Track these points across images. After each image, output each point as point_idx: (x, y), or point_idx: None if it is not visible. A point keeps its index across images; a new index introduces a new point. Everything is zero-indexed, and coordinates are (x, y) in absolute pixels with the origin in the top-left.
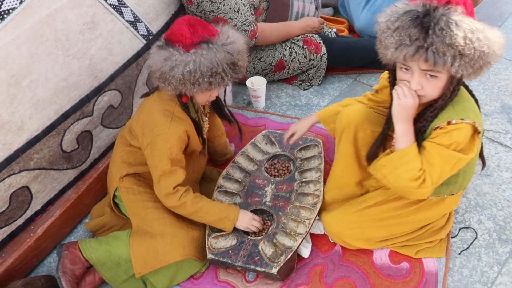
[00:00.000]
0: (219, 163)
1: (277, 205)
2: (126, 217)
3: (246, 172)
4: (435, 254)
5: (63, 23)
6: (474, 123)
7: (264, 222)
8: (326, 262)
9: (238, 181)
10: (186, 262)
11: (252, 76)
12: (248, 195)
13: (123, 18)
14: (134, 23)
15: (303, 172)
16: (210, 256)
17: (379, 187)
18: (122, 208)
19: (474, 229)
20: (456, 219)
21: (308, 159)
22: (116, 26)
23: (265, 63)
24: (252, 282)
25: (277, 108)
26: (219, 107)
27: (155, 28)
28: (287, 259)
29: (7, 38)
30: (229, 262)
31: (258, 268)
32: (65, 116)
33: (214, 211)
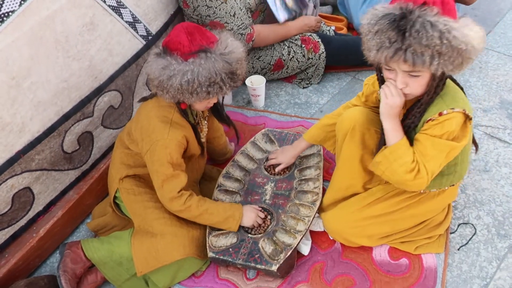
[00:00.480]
0: (219, 163)
1: (276, 203)
2: (127, 217)
3: (246, 171)
4: (434, 249)
5: (63, 24)
6: (464, 110)
7: (264, 219)
8: (326, 259)
9: (238, 179)
10: (187, 261)
11: (251, 75)
12: (248, 193)
13: (122, 19)
14: (133, 23)
15: (302, 170)
16: (210, 254)
17: (381, 183)
18: (123, 208)
19: (473, 224)
20: (455, 215)
21: (307, 157)
22: (115, 27)
23: (264, 62)
24: (252, 280)
25: (276, 107)
26: (217, 110)
27: (154, 29)
28: (287, 256)
29: (7, 40)
30: (229, 260)
31: (258, 266)
32: (65, 117)
33: (218, 212)
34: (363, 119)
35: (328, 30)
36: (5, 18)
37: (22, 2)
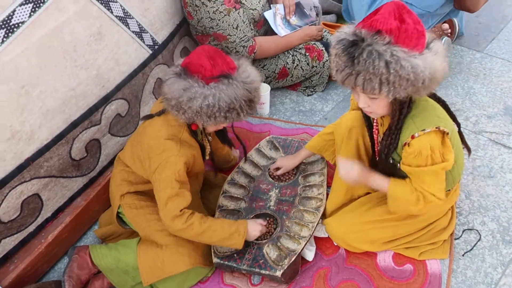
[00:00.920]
0: (224, 170)
1: (281, 209)
2: (131, 229)
3: (251, 177)
4: (438, 255)
5: (71, 35)
6: (437, 128)
7: (269, 226)
8: (330, 265)
9: (242, 186)
10: (193, 269)
11: None
12: (252, 199)
13: (129, 29)
14: (140, 33)
15: (306, 176)
16: (215, 260)
17: None
18: (127, 221)
19: (477, 230)
20: (460, 221)
21: (311, 163)
22: (122, 37)
23: (268, 71)
24: (257, 286)
25: (281, 114)
26: (222, 132)
27: (160, 38)
28: (291, 262)
29: (17, 51)
30: (234, 265)
31: (263, 271)
32: (73, 125)
33: (222, 228)
34: (358, 122)
35: None
36: (15, 29)
37: (32, 14)
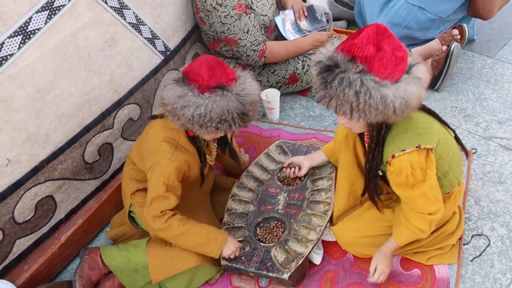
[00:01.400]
0: (234, 174)
1: (289, 212)
2: (143, 229)
3: (260, 181)
4: (446, 260)
5: (85, 41)
6: (418, 147)
7: (276, 229)
8: (338, 269)
9: (251, 189)
10: (201, 268)
11: (266, 89)
12: (261, 203)
13: (142, 35)
14: (152, 40)
15: (315, 180)
16: (223, 262)
17: (384, 192)
18: (138, 221)
19: (487, 236)
20: (469, 226)
21: (320, 167)
22: (135, 43)
23: (278, 76)
24: None
25: (291, 120)
26: (224, 143)
27: (172, 45)
28: (298, 265)
29: (33, 56)
30: (242, 268)
31: (270, 274)
32: (87, 128)
33: (201, 233)
34: None
35: None
36: (31, 35)
37: (48, 20)
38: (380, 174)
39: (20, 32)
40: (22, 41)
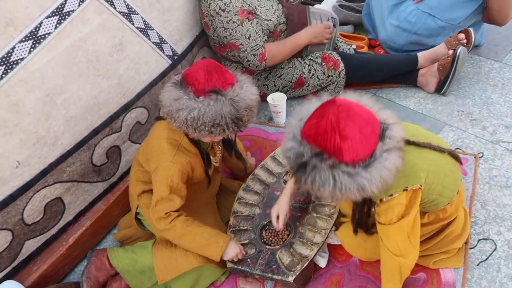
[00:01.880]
0: (240, 177)
1: (294, 215)
2: (150, 231)
3: (266, 184)
4: (452, 264)
5: (94, 45)
6: (405, 189)
7: (282, 232)
8: (343, 272)
9: (257, 192)
10: (206, 270)
11: (273, 93)
12: (267, 206)
13: (149, 40)
14: (160, 44)
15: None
16: (229, 264)
17: None
18: (145, 222)
19: (493, 240)
20: (475, 231)
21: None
22: (143, 48)
23: (285, 80)
24: None
25: None
26: (229, 144)
27: (179, 49)
28: (304, 267)
29: (43, 60)
30: (247, 270)
31: (275, 277)
32: (95, 131)
33: (203, 235)
34: None
35: (349, 49)
36: (41, 40)
37: (58, 25)
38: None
39: (30, 37)
40: (33, 45)
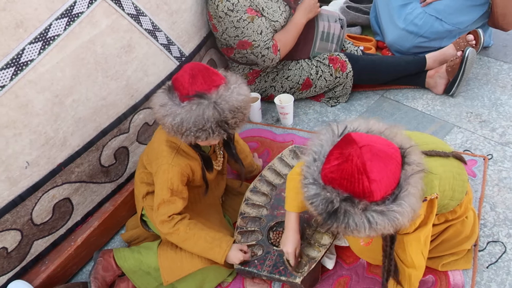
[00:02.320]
0: (247, 179)
1: (302, 217)
2: (155, 233)
3: (273, 186)
4: (461, 266)
5: (103, 47)
6: (424, 200)
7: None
8: (351, 274)
9: (265, 194)
10: (212, 271)
11: (280, 94)
12: (274, 207)
13: (157, 41)
14: (168, 46)
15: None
16: (236, 266)
17: None
18: (150, 224)
19: (503, 243)
20: (484, 233)
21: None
22: (151, 49)
23: (292, 81)
24: None
25: (304, 125)
26: (228, 145)
27: (187, 50)
28: (311, 269)
29: (53, 62)
30: (254, 271)
31: (283, 278)
32: (103, 132)
33: (205, 238)
34: None
35: (356, 50)
36: (51, 41)
37: (67, 27)
38: None
39: (40, 39)
40: (42, 47)
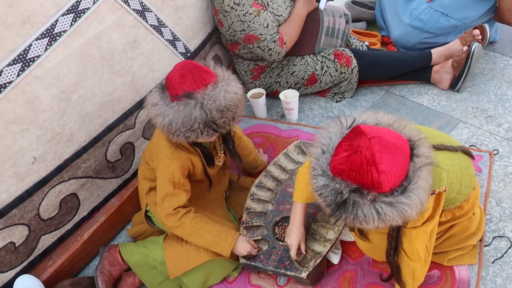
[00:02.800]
0: (252, 175)
1: (307, 212)
2: (160, 228)
3: (278, 181)
4: (466, 261)
5: (108, 43)
6: (433, 193)
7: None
8: (356, 269)
9: (270, 189)
10: (218, 264)
11: (285, 90)
12: (279, 202)
13: (163, 37)
14: (173, 41)
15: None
16: (242, 260)
17: None
18: (155, 220)
19: (508, 238)
20: (490, 228)
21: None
22: (156, 45)
23: (297, 77)
24: (283, 287)
25: (309, 120)
26: (227, 142)
27: (192, 46)
28: (317, 264)
29: (59, 58)
30: (260, 266)
31: (288, 272)
32: (109, 128)
33: (211, 232)
34: None
35: (361, 46)
36: (57, 37)
37: (73, 23)
38: None
39: (46, 34)
40: (49, 43)
